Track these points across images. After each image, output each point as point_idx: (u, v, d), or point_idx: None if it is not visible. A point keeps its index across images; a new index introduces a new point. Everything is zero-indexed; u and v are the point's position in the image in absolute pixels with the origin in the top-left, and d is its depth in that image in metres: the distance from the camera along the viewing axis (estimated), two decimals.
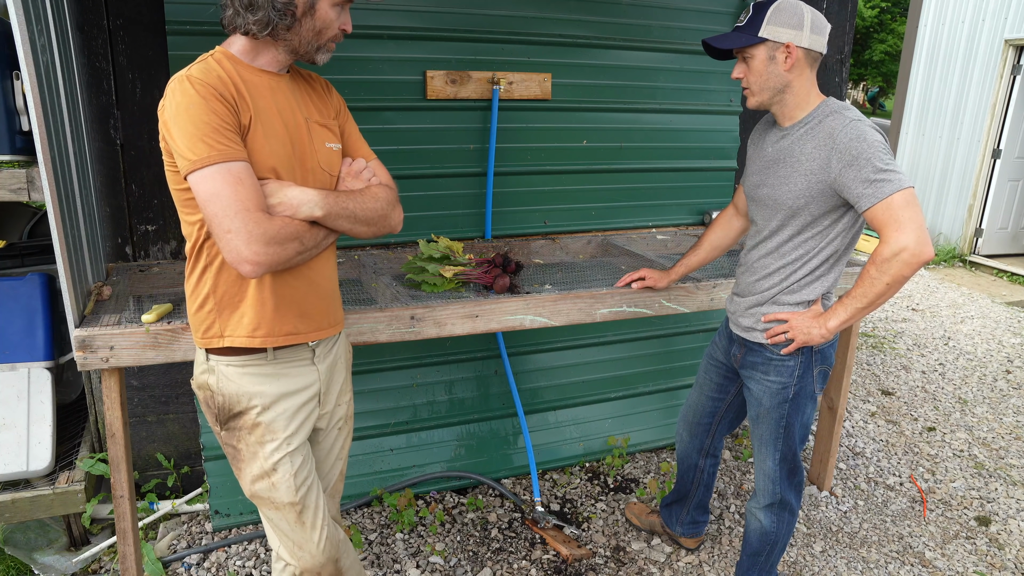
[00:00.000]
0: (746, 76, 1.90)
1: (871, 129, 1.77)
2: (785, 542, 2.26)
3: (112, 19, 2.42)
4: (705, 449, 2.46)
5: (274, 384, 1.60)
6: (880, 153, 1.74)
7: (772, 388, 2.04)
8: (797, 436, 2.09)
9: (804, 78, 1.88)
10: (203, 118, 1.38)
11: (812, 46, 1.85)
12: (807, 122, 1.89)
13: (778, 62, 1.85)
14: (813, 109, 1.90)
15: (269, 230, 1.40)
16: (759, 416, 2.11)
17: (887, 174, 1.72)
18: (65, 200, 1.89)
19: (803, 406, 2.05)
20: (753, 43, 1.84)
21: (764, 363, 2.05)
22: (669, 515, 2.66)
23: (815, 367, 2.01)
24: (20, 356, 2.37)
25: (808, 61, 1.87)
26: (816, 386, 2.04)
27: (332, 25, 1.53)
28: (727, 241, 2.35)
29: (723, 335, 2.28)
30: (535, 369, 3.20)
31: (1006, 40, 6.78)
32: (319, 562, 1.69)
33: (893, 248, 1.71)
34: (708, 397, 2.36)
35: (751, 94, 1.93)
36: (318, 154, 1.59)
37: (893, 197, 1.71)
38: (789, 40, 1.82)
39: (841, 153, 1.77)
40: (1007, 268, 6.88)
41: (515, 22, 2.85)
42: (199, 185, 1.38)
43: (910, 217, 1.70)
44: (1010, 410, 4.02)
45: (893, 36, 22.00)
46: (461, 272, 2.38)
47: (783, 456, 2.11)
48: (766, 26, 1.82)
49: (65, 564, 2.48)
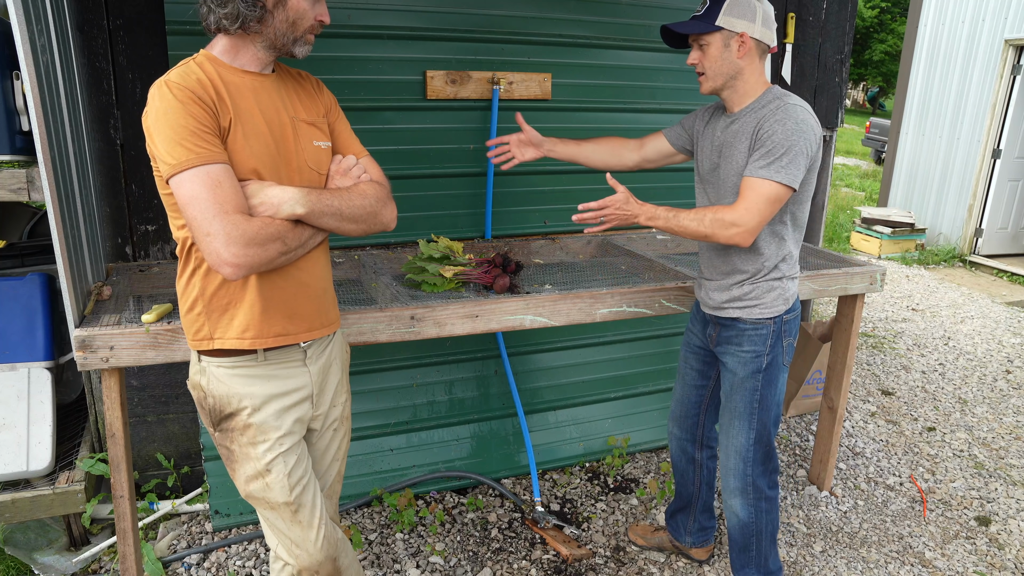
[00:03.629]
0: (701, 62, 2.02)
1: (803, 115, 1.91)
2: (772, 532, 2.26)
3: (112, 19, 2.42)
4: (698, 440, 2.46)
5: (264, 385, 1.60)
6: (788, 142, 1.88)
7: (746, 357, 2.12)
8: (771, 414, 2.16)
9: (754, 67, 2.01)
10: (181, 122, 1.38)
11: (762, 38, 1.99)
12: (753, 108, 2.01)
13: (732, 50, 1.97)
14: (759, 96, 2.02)
15: (248, 231, 1.39)
16: (733, 388, 2.17)
17: (778, 161, 1.89)
18: (65, 200, 1.89)
19: (775, 378, 2.14)
20: (710, 31, 1.96)
21: (738, 335, 2.12)
22: (676, 526, 2.62)
23: (784, 338, 2.12)
24: (20, 356, 2.37)
25: (758, 51, 2.01)
26: (785, 358, 2.15)
27: (306, 16, 1.52)
28: (609, 160, 2.37)
29: (696, 320, 2.33)
30: (535, 369, 3.20)
31: (1006, 40, 6.78)
32: (317, 560, 1.69)
33: (735, 219, 1.91)
34: (691, 386, 2.40)
35: (705, 79, 2.04)
36: (305, 153, 1.58)
37: (764, 183, 1.90)
38: (743, 30, 1.95)
39: (762, 130, 1.93)
40: (1007, 268, 6.88)
41: (515, 22, 2.85)
42: (179, 189, 1.39)
43: (763, 209, 1.91)
44: (1010, 410, 4.02)
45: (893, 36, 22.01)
46: (461, 272, 2.38)
47: (758, 436, 2.16)
48: (722, 16, 1.95)
49: (65, 564, 2.48)
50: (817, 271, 2.73)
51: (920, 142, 7.88)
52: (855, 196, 10.91)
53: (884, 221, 7.49)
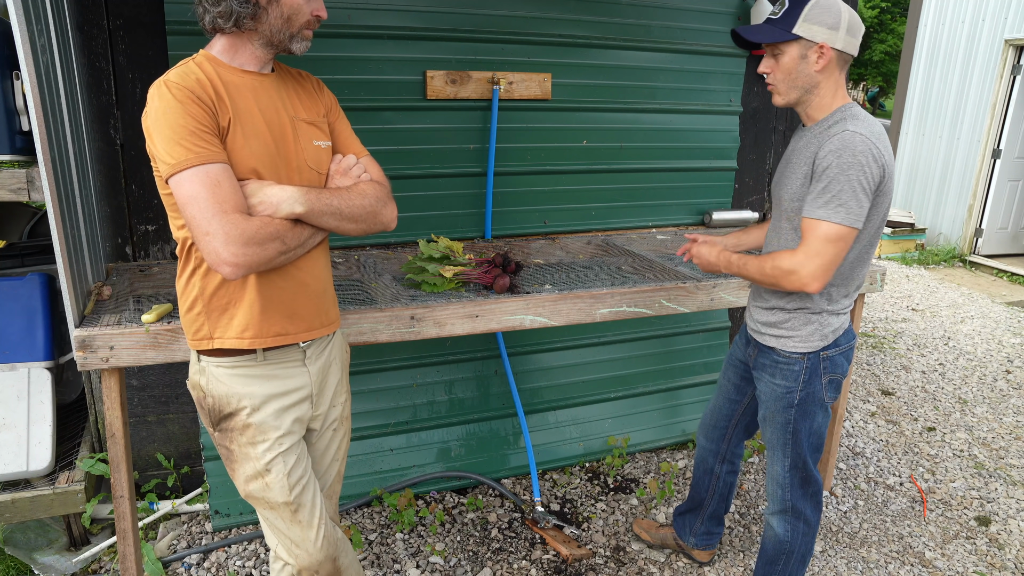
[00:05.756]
0: (773, 72, 1.84)
1: (861, 147, 1.73)
2: (803, 554, 2.18)
3: (112, 19, 2.42)
4: (721, 454, 2.41)
5: (263, 385, 1.60)
6: (846, 176, 1.72)
7: (777, 391, 2.02)
8: (806, 444, 2.04)
9: (832, 80, 1.83)
10: (180, 122, 1.38)
11: (846, 48, 1.79)
12: (823, 124, 1.85)
13: (810, 62, 1.79)
14: (832, 112, 1.85)
15: (247, 230, 1.39)
16: (766, 418, 2.10)
17: (835, 199, 1.73)
18: (65, 200, 1.89)
19: (811, 413, 2.01)
20: (786, 39, 1.77)
21: (771, 365, 2.03)
22: (682, 525, 2.59)
23: (824, 375, 1.98)
24: (20, 356, 2.37)
25: (839, 63, 1.82)
26: (826, 394, 2.00)
27: (301, 11, 1.52)
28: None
29: (742, 334, 2.26)
30: (535, 369, 3.20)
31: (1006, 40, 6.78)
32: (317, 560, 1.69)
33: (794, 266, 1.78)
34: (726, 399, 2.34)
35: (777, 92, 1.87)
36: (305, 152, 1.58)
37: (821, 224, 1.75)
38: (824, 40, 1.76)
39: (819, 160, 1.77)
40: (1007, 268, 6.88)
41: (515, 22, 2.85)
42: (178, 188, 1.39)
43: (823, 251, 1.75)
44: (1010, 410, 4.02)
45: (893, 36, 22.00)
46: (461, 272, 2.38)
47: (793, 464, 2.08)
48: (802, 23, 1.75)
49: (65, 564, 2.48)
50: None
51: (920, 142, 7.88)
52: None
53: None
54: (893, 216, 7.55)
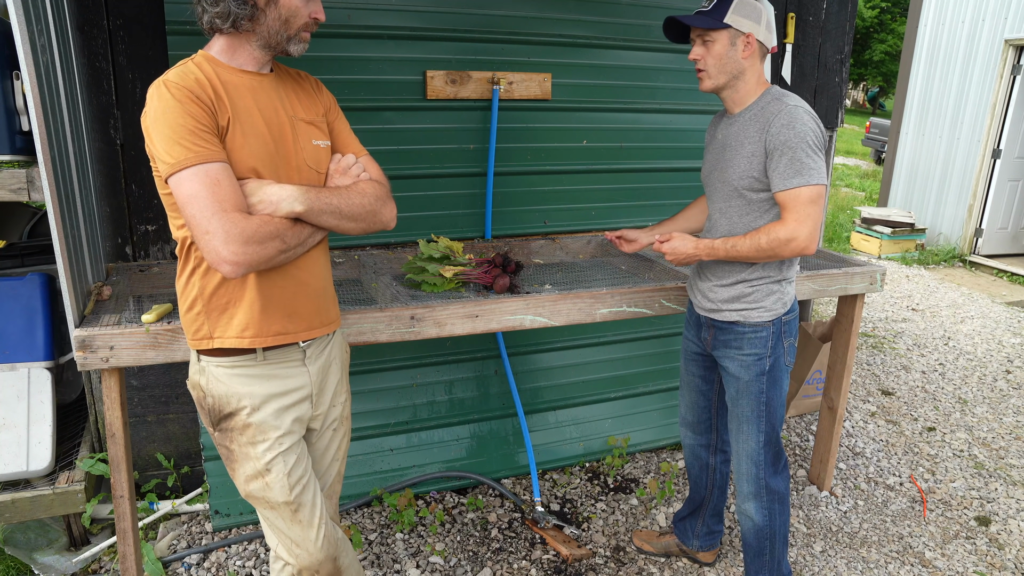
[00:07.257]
0: (704, 58, 2.01)
1: (805, 117, 1.91)
2: (784, 534, 2.26)
3: (112, 19, 2.42)
4: (713, 445, 2.46)
5: (263, 385, 1.60)
6: (804, 144, 1.89)
7: (748, 361, 2.11)
8: (778, 415, 2.15)
9: (756, 68, 2.02)
10: (179, 121, 1.38)
11: (765, 41, 2.01)
12: (752, 108, 2.02)
13: (738, 49, 1.98)
14: (759, 97, 2.02)
15: (247, 229, 1.39)
16: (738, 393, 2.15)
17: (803, 166, 1.89)
18: (65, 200, 1.89)
19: (779, 379, 2.13)
20: (718, 27, 1.96)
21: (737, 339, 2.11)
22: (683, 530, 2.62)
23: (784, 340, 2.11)
24: (20, 356, 2.37)
25: (760, 53, 2.02)
26: (787, 359, 2.14)
27: (299, 13, 1.52)
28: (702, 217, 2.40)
29: (691, 325, 2.32)
30: (535, 369, 3.20)
31: (1006, 40, 6.78)
32: (317, 560, 1.69)
33: (789, 233, 1.91)
34: (698, 392, 2.39)
35: (707, 76, 2.03)
36: (304, 152, 1.58)
37: (801, 190, 1.90)
38: (750, 31, 1.96)
39: (772, 137, 1.92)
40: (1007, 268, 6.88)
41: (515, 22, 2.85)
42: (178, 188, 1.39)
43: (810, 213, 1.91)
44: (1010, 410, 4.02)
45: (893, 36, 22.01)
46: (461, 272, 2.38)
47: (767, 438, 2.15)
48: (731, 14, 1.95)
49: (65, 564, 2.48)
50: (817, 271, 2.73)
51: (920, 142, 7.88)
52: (855, 196, 10.91)
53: (884, 221, 7.49)
54: (893, 216, 7.55)
